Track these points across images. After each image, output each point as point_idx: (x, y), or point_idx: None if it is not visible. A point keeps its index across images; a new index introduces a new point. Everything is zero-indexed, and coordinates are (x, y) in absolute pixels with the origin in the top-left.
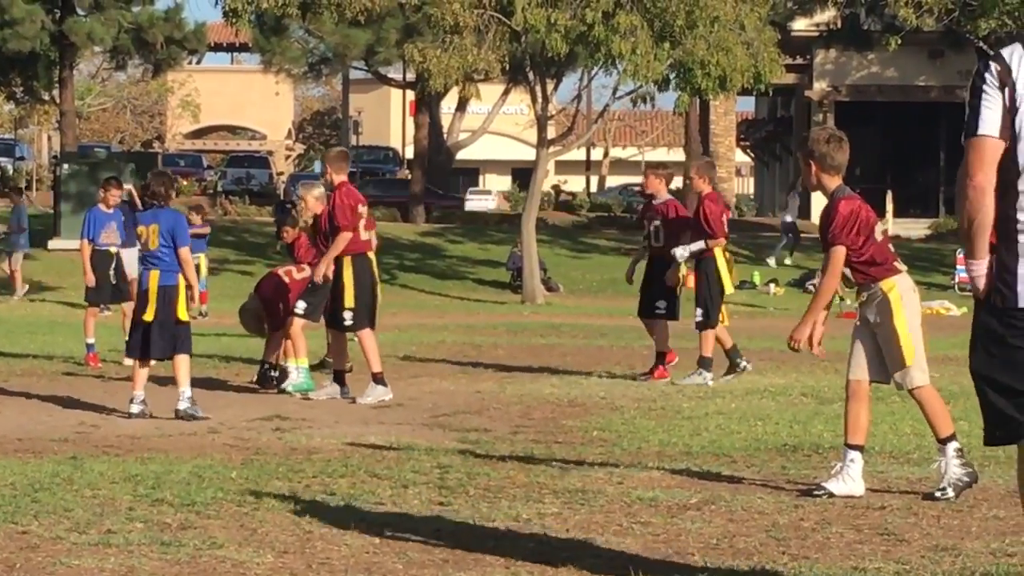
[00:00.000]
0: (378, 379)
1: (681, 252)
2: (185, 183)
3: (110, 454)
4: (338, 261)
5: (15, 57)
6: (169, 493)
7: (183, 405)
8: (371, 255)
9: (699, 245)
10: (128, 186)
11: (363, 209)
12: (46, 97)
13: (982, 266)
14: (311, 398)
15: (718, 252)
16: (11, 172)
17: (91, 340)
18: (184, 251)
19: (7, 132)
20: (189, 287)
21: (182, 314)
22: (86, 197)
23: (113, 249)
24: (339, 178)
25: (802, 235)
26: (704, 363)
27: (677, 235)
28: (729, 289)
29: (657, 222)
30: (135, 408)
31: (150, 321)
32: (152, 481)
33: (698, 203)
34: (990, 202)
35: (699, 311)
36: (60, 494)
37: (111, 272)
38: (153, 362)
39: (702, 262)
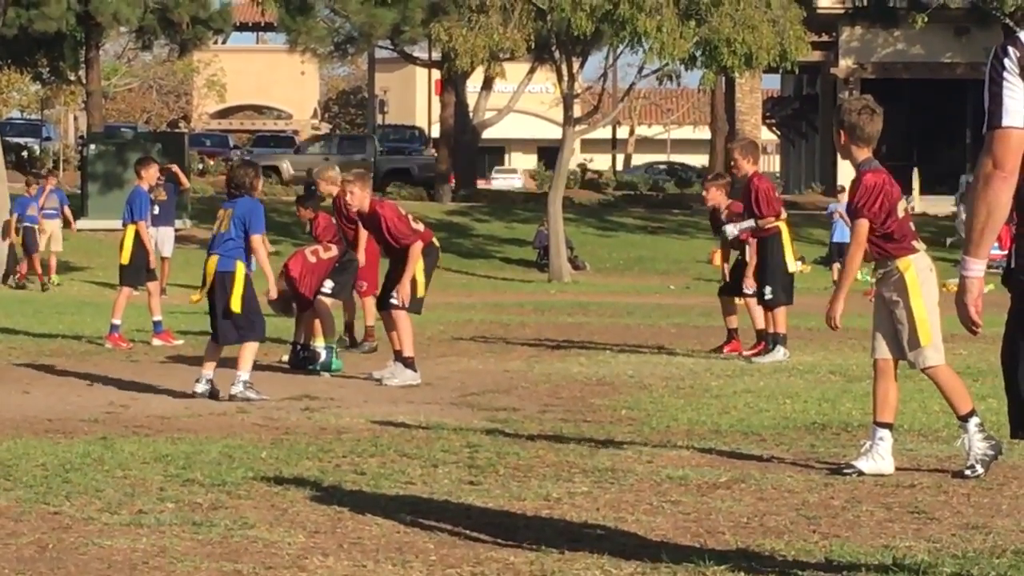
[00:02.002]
0: (409, 363)
1: (731, 229)
2: (211, 163)
3: (140, 434)
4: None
5: (41, 38)
6: (200, 473)
7: (236, 389)
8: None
9: (750, 223)
10: (173, 166)
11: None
12: (72, 78)
13: (982, 267)
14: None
15: (783, 228)
16: (38, 153)
17: (118, 321)
18: (256, 239)
19: (34, 113)
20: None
21: (235, 305)
22: (112, 177)
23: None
24: None
25: None
26: (779, 339)
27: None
28: (792, 267)
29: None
30: (199, 387)
31: (215, 306)
32: (182, 461)
33: (747, 184)
34: (1010, 197)
35: (768, 289)
36: (91, 474)
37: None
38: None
39: (768, 240)
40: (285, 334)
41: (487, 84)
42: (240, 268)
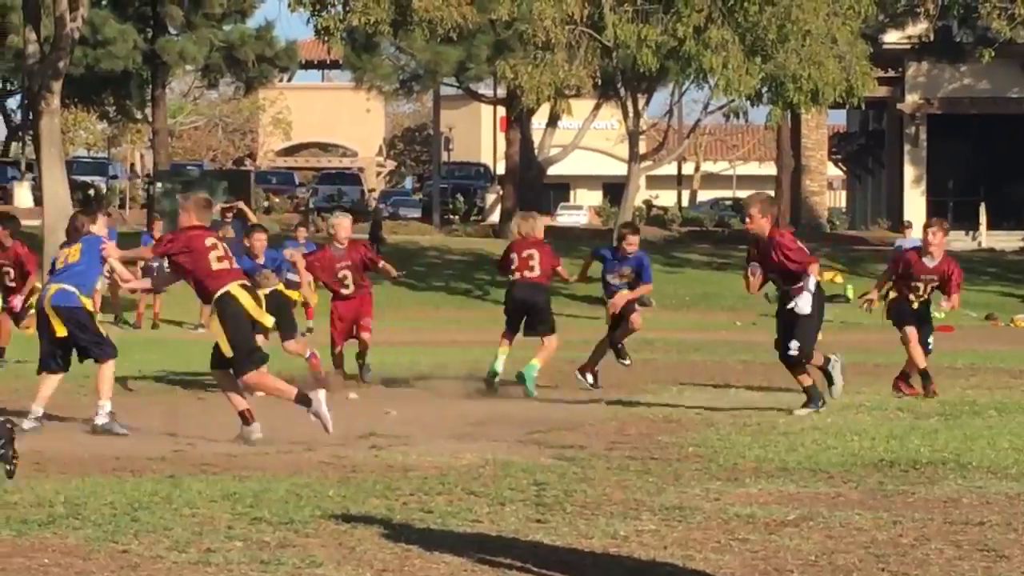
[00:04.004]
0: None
1: (804, 306)
2: (277, 200)
3: (208, 472)
4: None
5: (108, 76)
6: (267, 511)
7: (101, 420)
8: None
9: (808, 285)
10: (239, 203)
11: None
12: (139, 116)
13: None
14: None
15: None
16: (104, 191)
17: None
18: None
19: (100, 151)
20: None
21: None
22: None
23: None
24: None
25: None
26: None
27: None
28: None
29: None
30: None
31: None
32: (250, 499)
33: (770, 244)
34: None
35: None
36: (159, 513)
37: None
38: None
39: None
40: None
41: (552, 121)
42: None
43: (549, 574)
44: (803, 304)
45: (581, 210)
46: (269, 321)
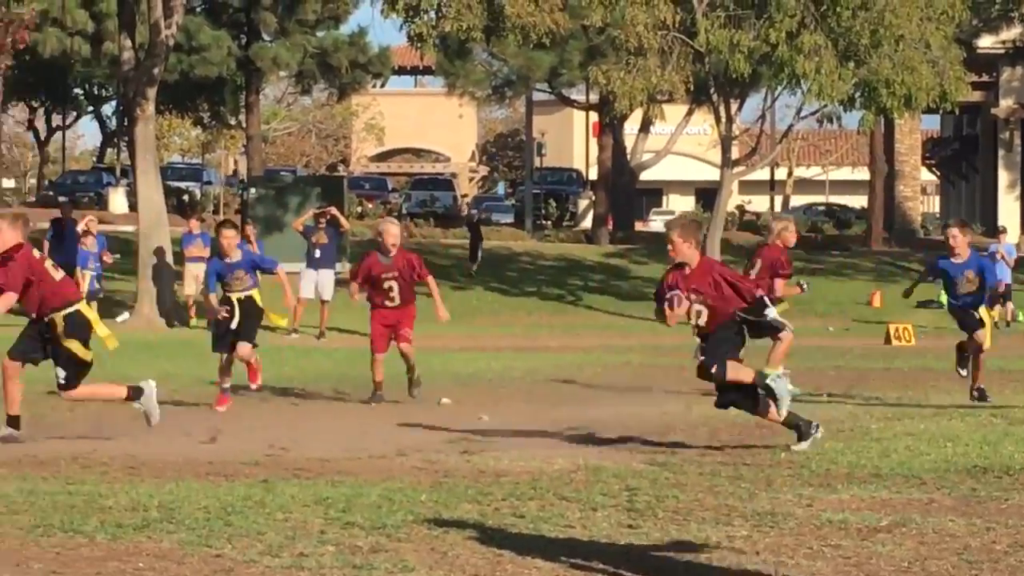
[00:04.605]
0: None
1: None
2: (370, 206)
3: (300, 477)
4: None
5: (202, 83)
6: (360, 516)
7: None
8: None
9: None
10: (332, 209)
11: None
12: (232, 122)
13: None
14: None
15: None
16: (198, 196)
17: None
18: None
19: (194, 157)
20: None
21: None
22: (272, 221)
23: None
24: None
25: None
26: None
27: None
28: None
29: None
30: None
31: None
32: (343, 504)
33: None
34: None
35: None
36: (252, 517)
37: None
38: None
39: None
40: (435, 375)
41: (645, 126)
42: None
43: None
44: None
45: (673, 215)
46: (110, 339)
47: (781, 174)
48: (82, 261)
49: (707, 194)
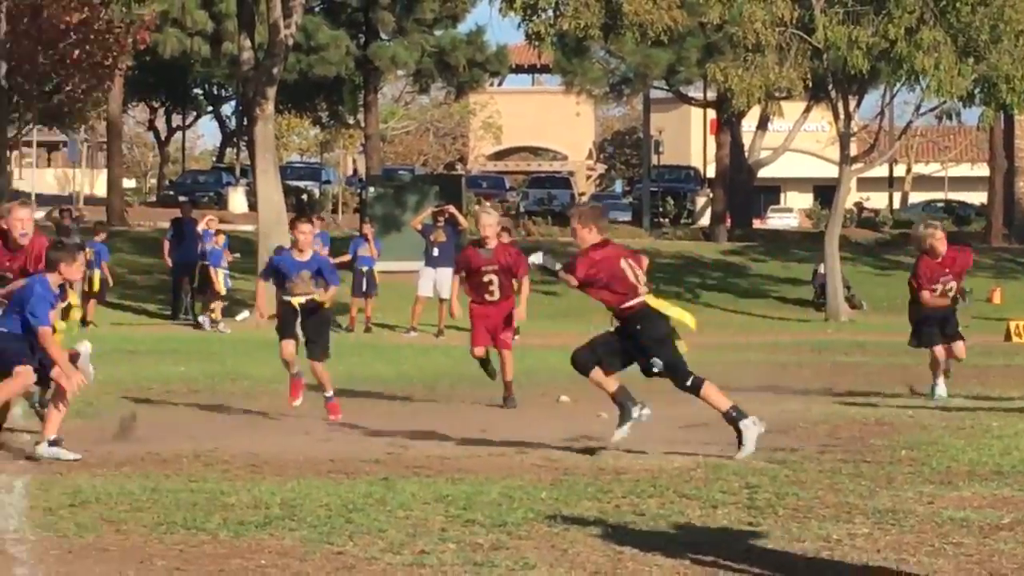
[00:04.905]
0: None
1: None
2: (488, 204)
3: (421, 475)
4: None
5: (321, 82)
6: (480, 514)
7: None
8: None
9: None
10: (450, 207)
11: None
12: (351, 121)
13: None
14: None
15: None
16: (317, 196)
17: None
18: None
19: (313, 156)
20: None
21: None
22: (391, 220)
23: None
24: None
25: None
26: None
27: None
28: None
29: None
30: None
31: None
32: (463, 502)
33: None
34: None
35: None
36: (373, 515)
37: None
38: None
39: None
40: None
41: (762, 123)
42: None
43: None
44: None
45: (791, 213)
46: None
47: (900, 171)
48: (214, 260)
49: (825, 191)
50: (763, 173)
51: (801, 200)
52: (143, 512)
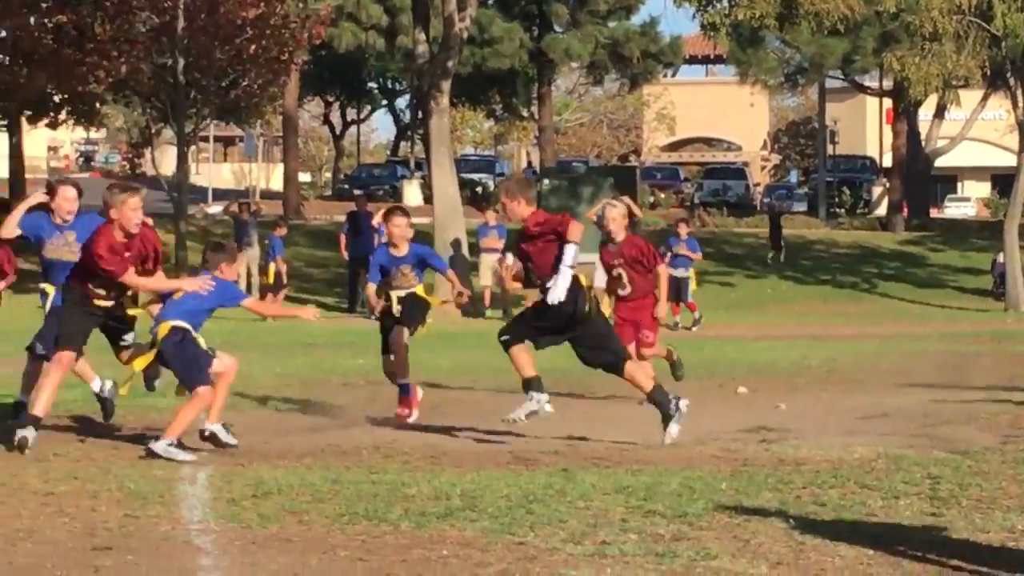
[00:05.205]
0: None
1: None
2: (662, 196)
3: (600, 466)
4: None
5: (495, 75)
6: (660, 504)
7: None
8: None
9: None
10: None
11: None
12: (525, 113)
13: None
14: None
15: None
16: (491, 188)
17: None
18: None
19: (487, 149)
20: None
21: None
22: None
23: None
24: None
25: None
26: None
27: None
28: None
29: None
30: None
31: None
32: (643, 492)
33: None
34: None
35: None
36: (554, 505)
37: None
38: None
39: None
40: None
41: (939, 112)
42: None
43: (946, 567)
44: (556, 290)
45: (968, 202)
46: None
47: None
48: None
49: (1004, 180)
50: (940, 162)
51: (978, 189)
52: (325, 503)
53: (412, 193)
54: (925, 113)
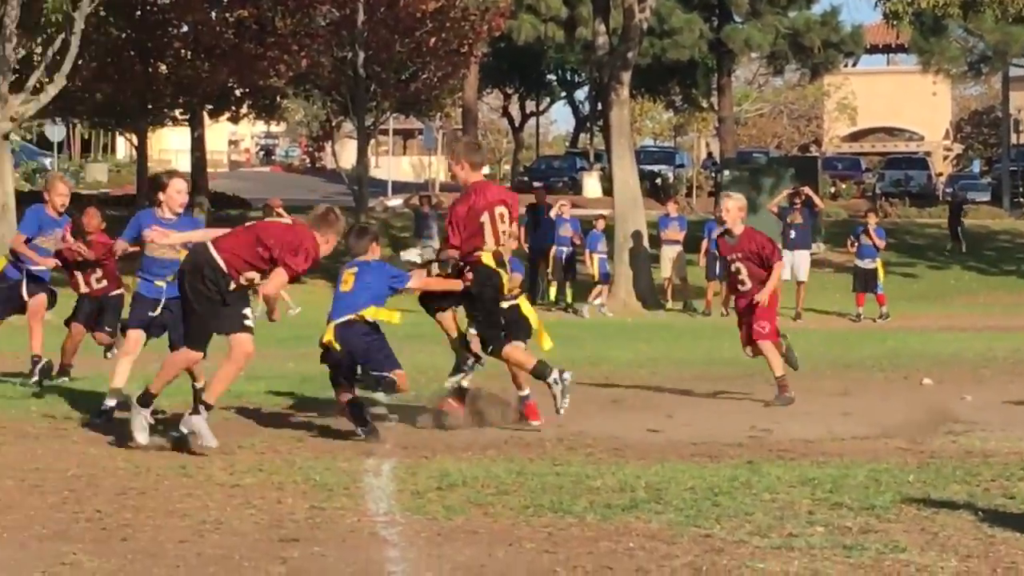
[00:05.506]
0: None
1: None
2: (843, 186)
3: (785, 458)
4: None
5: (674, 66)
6: (847, 497)
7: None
8: None
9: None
10: (806, 188)
11: None
12: (704, 104)
13: None
14: None
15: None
16: (671, 179)
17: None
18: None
19: (666, 140)
20: None
21: None
22: (747, 202)
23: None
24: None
25: None
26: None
27: None
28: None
29: None
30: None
31: None
32: (829, 485)
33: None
34: None
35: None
36: (739, 498)
37: None
38: None
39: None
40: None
41: None
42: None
43: None
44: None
45: None
46: None
47: None
48: (592, 244)
49: None
50: None
51: None
52: (509, 495)
53: (591, 185)
54: None
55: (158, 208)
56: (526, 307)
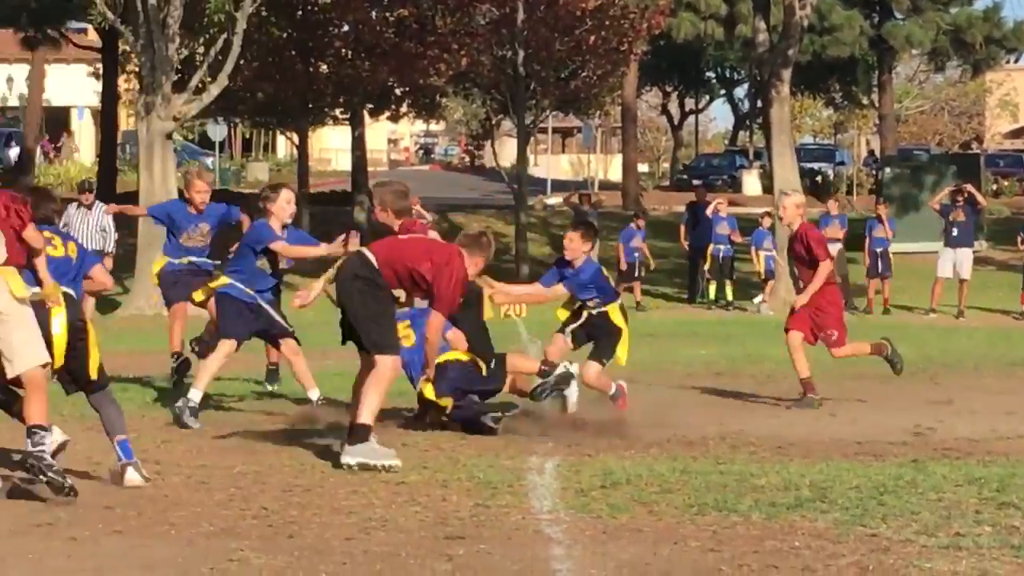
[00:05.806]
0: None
1: None
2: (1006, 184)
3: (950, 457)
4: None
5: (834, 63)
6: (1015, 496)
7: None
8: None
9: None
10: (969, 187)
11: None
12: (865, 101)
13: None
14: None
15: None
16: (831, 177)
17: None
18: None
19: (826, 137)
20: None
21: None
22: (908, 200)
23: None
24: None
25: None
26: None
27: None
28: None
29: None
30: None
31: None
32: (996, 484)
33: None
34: None
35: None
36: (905, 497)
37: None
38: None
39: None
40: None
41: None
42: None
43: None
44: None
45: None
46: None
47: None
48: (758, 241)
49: None
50: None
51: None
52: (673, 493)
53: (751, 183)
54: None
55: (269, 218)
56: (616, 316)
